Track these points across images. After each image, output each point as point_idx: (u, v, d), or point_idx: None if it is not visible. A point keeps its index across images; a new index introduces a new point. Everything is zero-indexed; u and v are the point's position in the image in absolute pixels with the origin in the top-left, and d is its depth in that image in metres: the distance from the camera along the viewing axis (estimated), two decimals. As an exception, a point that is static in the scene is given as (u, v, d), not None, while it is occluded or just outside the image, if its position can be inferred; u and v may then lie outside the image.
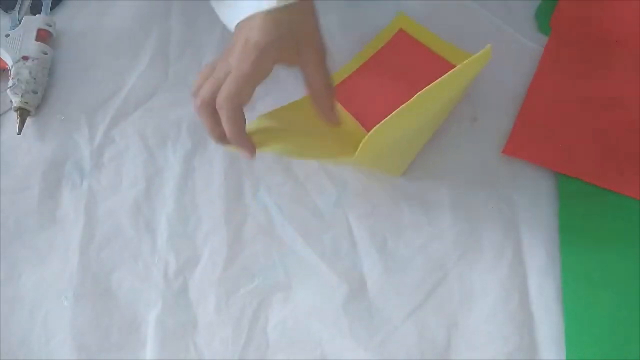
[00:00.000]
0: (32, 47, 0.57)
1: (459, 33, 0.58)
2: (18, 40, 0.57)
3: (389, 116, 0.42)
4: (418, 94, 0.42)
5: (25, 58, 0.56)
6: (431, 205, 0.51)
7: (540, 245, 0.49)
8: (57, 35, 0.60)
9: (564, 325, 0.44)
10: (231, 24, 0.45)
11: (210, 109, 0.43)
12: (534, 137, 0.50)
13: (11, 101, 0.55)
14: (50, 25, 0.59)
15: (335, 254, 0.49)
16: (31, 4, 0.62)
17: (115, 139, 0.55)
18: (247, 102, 0.43)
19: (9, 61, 0.56)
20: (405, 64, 0.54)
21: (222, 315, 0.47)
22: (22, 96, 0.54)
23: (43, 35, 0.58)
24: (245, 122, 0.44)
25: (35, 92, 0.55)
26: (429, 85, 0.42)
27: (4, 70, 0.57)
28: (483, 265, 0.48)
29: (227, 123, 0.42)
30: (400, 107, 0.42)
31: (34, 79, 0.55)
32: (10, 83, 0.55)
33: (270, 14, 0.42)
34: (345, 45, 0.57)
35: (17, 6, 0.61)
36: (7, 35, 0.57)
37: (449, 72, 0.43)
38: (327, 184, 0.52)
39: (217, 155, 0.53)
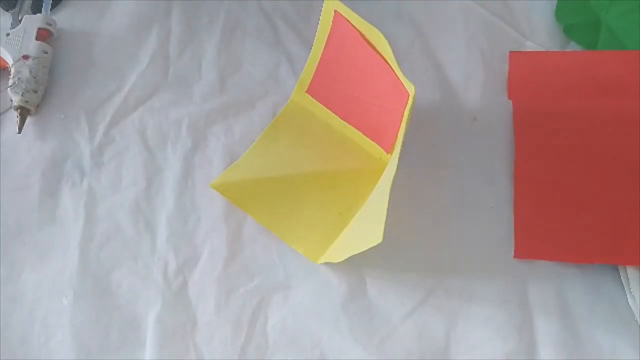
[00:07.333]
0: (33, 46, 0.57)
1: (458, 33, 0.59)
2: (18, 39, 0.57)
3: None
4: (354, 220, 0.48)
5: (25, 57, 0.56)
6: (431, 205, 0.51)
7: (540, 245, 0.49)
8: (57, 34, 0.60)
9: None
10: None
11: None
12: (538, 234, 0.49)
13: (11, 100, 0.55)
14: (50, 24, 0.59)
15: (335, 254, 0.49)
16: (32, 3, 0.62)
17: (115, 138, 0.55)
18: None
19: (9, 60, 0.56)
20: (352, 50, 0.51)
21: (221, 315, 0.47)
22: (22, 95, 0.54)
23: (43, 34, 0.58)
24: None
25: (35, 91, 0.55)
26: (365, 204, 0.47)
27: (4, 69, 0.57)
28: (483, 265, 0.48)
29: None
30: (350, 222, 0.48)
31: (34, 78, 0.55)
32: (10, 82, 0.55)
33: None
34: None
35: (18, 5, 0.61)
36: (8, 34, 0.57)
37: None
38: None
39: (217, 155, 0.54)
